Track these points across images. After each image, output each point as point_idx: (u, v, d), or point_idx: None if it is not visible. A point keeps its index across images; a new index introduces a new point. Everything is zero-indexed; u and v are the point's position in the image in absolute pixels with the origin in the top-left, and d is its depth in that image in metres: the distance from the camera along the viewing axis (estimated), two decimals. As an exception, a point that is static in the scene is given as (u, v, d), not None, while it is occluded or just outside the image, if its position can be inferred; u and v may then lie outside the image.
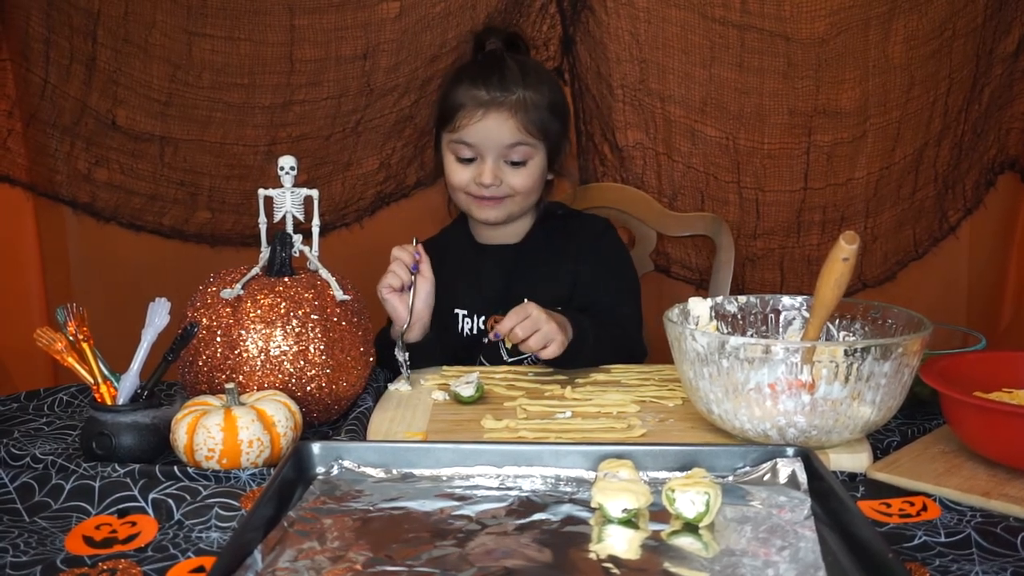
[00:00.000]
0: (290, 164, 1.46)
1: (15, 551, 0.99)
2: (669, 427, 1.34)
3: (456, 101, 1.76)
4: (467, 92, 1.75)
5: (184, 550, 0.99)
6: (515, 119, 1.74)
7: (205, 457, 1.20)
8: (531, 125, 1.75)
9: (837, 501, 0.98)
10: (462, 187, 1.79)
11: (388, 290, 1.62)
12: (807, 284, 2.23)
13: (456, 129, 1.75)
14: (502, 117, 1.74)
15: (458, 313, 1.83)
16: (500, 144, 1.75)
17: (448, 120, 1.77)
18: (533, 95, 1.76)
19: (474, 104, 1.74)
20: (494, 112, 1.74)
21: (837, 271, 1.22)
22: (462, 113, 1.75)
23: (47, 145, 2.14)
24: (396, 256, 1.65)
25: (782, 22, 2.05)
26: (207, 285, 1.42)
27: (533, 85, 1.77)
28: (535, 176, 1.80)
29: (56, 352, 1.29)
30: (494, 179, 1.75)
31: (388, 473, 1.10)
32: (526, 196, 1.81)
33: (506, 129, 1.74)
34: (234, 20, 2.08)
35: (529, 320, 1.53)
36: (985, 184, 2.25)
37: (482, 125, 1.74)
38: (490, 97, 1.74)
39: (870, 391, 1.18)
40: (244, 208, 2.25)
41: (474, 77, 1.77)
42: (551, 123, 1.79)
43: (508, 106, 1.74)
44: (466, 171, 1.78)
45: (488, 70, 1.77)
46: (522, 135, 1.75)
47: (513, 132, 1.74)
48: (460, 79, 1.79)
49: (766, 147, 2.17)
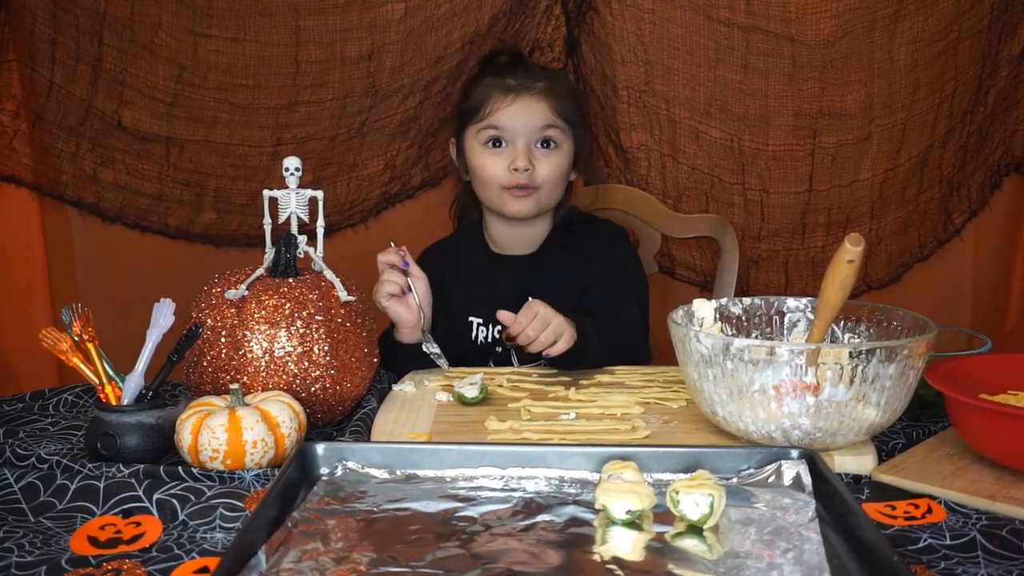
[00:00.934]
0: (295, 165, 1.46)
1: (20, 551, 0.99)
2: (673, 429, 1.34)
3: (483, 94, 1.78)
4: (493, 82, 1.78)
5: (188, 550, 0.99)
6: (546, 102, 1.76)
7: (209, 458, 1.21)
8: (561, 110, 1.77)
9: (842, 503, 0.97)
10: (495, 178, 1.78)
11: (387, 297, 1.62)
12: (812, 286, 2.23)
13: (486, 116, 1.76)
14: (533, 100, 1.76)
15: (472, 321, 1.83)
16: (532, 126, 1.76)
17: (475, 112, 1.78)
18: (558, 85, 1.80)
19: (502, 91, 1.76)
20: (525, 96, 1.76)
21: (842, 273, 1.22)
22: (491, 101, 1.76)
23: (53, 145, 2.14)
24: (384, 262, 1.64)
25: (787, 24, 2.05)
26: (212, 286, 1.42)
27: (556, 78, 1.82)
28: (563, 165, 1.80)
29: (61, 352, 1.30)
30: (527, 163, 1.75)
31: (392, 474, 1.10)
32: (553, 187, 1.80)
33: (538, 111, 1.76)
34: (240, 21, 2.08)
35: (538, 319, 1.54)
36: (990, 186, 2.25)
37: (514, 108, 1.75)
38: (519, 83, 1.77)
39: (875, 393, 1.18)
40: (249, 209, 2.25)
41: (499, 70, 1.80)
42: (576, 114, 1.82)
43: (538, 91, 1.77)
44: (498, 160, 1.77)
45: (511, 65, 1.80)
46: (553, 117, 1.77)
47: (545, 113, 1.76)
48: (483, 75, 1.81)
49: (771, 149, 2.17)
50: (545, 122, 1.76)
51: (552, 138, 1.78)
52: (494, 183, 1.78)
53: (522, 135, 1.76)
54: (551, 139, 1.78)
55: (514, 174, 1.75)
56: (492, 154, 1.78)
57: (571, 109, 1.80)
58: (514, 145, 1.76)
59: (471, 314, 1.83)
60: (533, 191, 1.78)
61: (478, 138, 1.79)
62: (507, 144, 1.77)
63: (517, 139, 1.76)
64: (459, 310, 1.82)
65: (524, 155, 1.75)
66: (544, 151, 1.78)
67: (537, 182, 1.77)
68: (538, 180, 1.77)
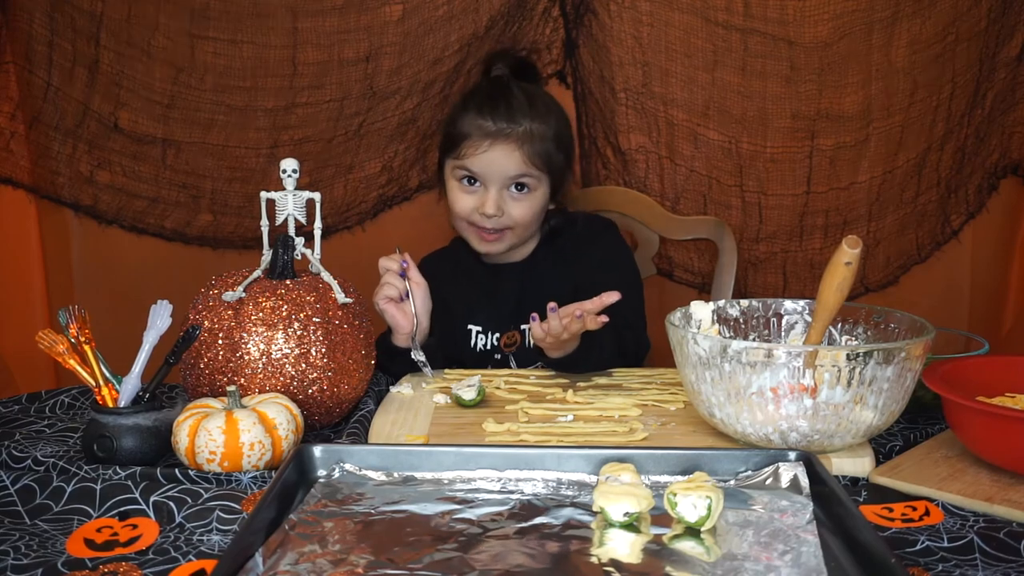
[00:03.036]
0: (292, 167, 1.46)
1: (16, 554, 0.99)
2: (671, 431, 1.34)
3: (462, 130, 1.75)
4: (473, 121, 1.74)
5: (185, 553, 0.99)
6: (521, 151, 1.73)
7: (206, 460, 1.20)
8: (536, 158, 1.74)
9: (839, 505, 0.97)
10: (465, 215, 1.78)
11: (385, 301, 1.62)
12: (810, 288, 2.23)
13: (461, 157, 1.75)
14: (508, 149, 1.73)
15: (471, 329, 1.84)
16: (504, 175, 1.74)
17: (453, 147, 1.76)
18: (540, 127, 1.75)
19: (480, 134, 1.73)
20: (500, 143, 1.73)
21: (839, 275, 1.22)
22: (468, 143, 1.74)
23: (49, 147, 2.14)
24: (385, 267, 1.64)
25: (785, 26, 2.05)
26: (209, 288, 1.42)
27: (540, 116, 1.77)
28: (536, 208, 1.79)
29: (58, 354, 1.29)
30: (496, 210, 1.74)
31: (389, 476, 1.10)
32: (525, 228, 1.80)
33: (511, 161, 1.73)
34: (237, 23, 2.08)
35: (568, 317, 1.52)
36: (988, 188, 2.25)
37: (488, 156, 1.73)
38: (496, 128, 1.73)
39: (872, 395, 1.18)
40: (246, 211, 2.25)
41: (481, 106, 1.76)
42: (556, 155, 1.79)
43: (515, 138, 1.73)
44: (469, 199, 1.77)
45: (495, 100, 1.76)
46: (527, 167, 1.74)
47: (518, 164, 1.74)
48: (467, 107, 1.78)
49: (769, 151, 2.17)
50: (519, 171, 1.74)
51: (526, 184, 1.76)
52: (463, 219, 1.79)
53: (495, 182, 1.74)
54: (525, 184, 1.76)
55: (482, 218, 1.75)
56: (464, 191, 1.78)
57: (549, 152, 1.77)
58: (486, 189, 1.75)
59: (470, 322, 1.84)
60: (505, 232, 1.78)
61: (454, 174, 1.78)
62: (480, 185, 1.76)
63: (489, 184, 1.75)
64: (459, 318, 1.83)
65: (494, 202, 1.74)
66: (517, 194, 1.77)
67: (508, 224, 1.77)
68: (510, 222, 1.77)
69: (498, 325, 1.84)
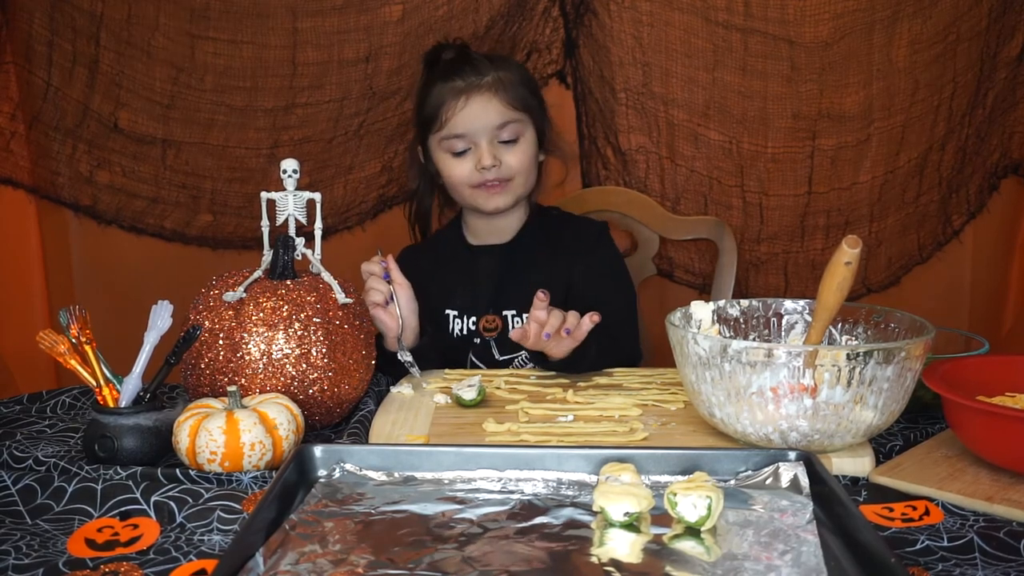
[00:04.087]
0: (292, 167, 1.46)
1: (17, 553, 0.99)
2: (671, 431, 1.34)
3: (435, 101, 1.78)
4: (443, 88, 1.78)
5: (186, 553, 0.99)
6: (497, 97, 1.77)
7: (207, 460, 1.20)
8: (515, 101, 1.78)
9: (839, 505, 0.97)
10: (464, 180, 1.79)
11: (372, 306, 1.62)
12: (811, 288, 2.23)
13: (444, 125, 1.77)
14: (484, 99, 1.76)
15: (449, 314, 1.84)
16: (489, 125, 1.77)
17: (433, 121, 1.79)
18: (506, 74, 1.79)
19: (454, 95, 1.76)
20: (476, 95, 1.76)
21: (840, 275, 1.22)
22: (445, 108, 1.76)
23: (49, 147, 2.14)
24: (367, 271, 1.65)
25: (785, 26, 2.05)
26: (209, 288, 1.42)
27: (503, 66, 1.81)
28: (529, 153, 1.82)
29: (59, 354, 1.29)
30: (493, 159, 1.76)
31: (390, 476, 1.10)
32: (526, 175, 1.82)
33: (492, 109, 1.76)
34: (237, 23, 2.08)
35: (553, 315, 1.52)
36: (989, 188, 2.25)
37: (468, 111, 1.76)
38: (467, 83, 1.77)
39: (872, 395, 1.18)
40: (246, 211, 2.25)
41: (445, 73, 1.80)
42: (531, 99, 1.82)
43: (487, 87, 1.77)
44: (464, 163, 1.79)
45: (456, 64, 1.80)
46: (509, 112, 1.78)
47: (500, 111, 1.77)
48: (431, 82, 1.81)
49: (770, 151, 2.17)
50: (501, 119, 1.77)
51: (512, 129, 1.79)
52: (464, 185, 1.80)
53: (483, 135, 1.77)
54: (511, 131, 1.79)
55: (482, 172, 1.77)
56: (457, 159, 1.79)
57: (524, 95, 1.81)
58: (477, 146, 1.78)
59: (447, 307, 1.84)
60: (506, 183, 1.80)
61: (442, 146, 1.80)
62: (469, 147, 1.78)
63: (479, 139, 1.77)
64: (435, 304, 1.82)
65: (489, 154, 1.77)
66: (507, 145, 1.79)
67: (508, 174, 1.79)
68: (508, 172, 1.79)
69: (474, 309, 1.84)
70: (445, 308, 1.84)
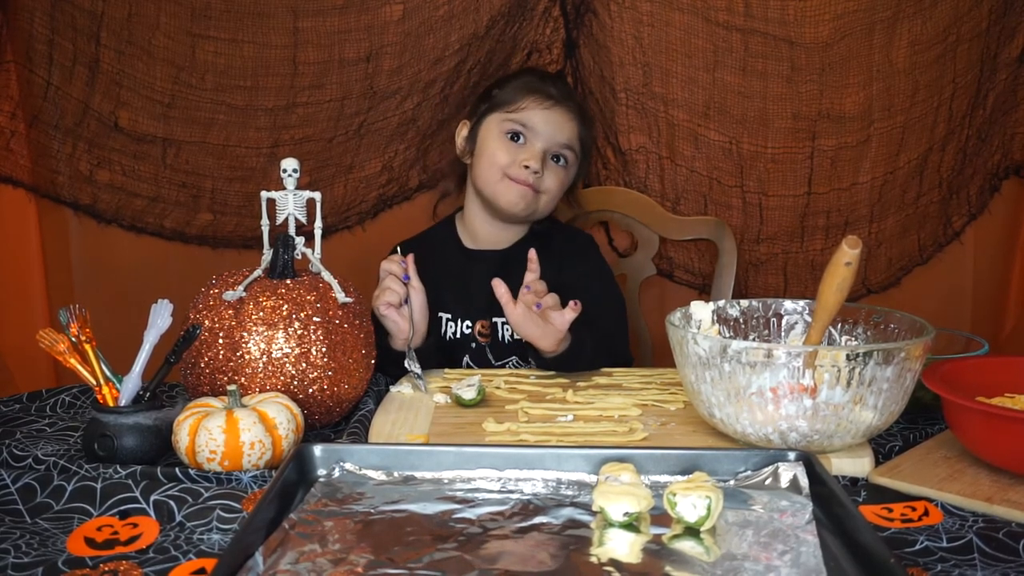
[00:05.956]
0: (293, 166, 1.46)
1: (16, 552, 0.99)
2: (671, 431, 1.34)
3: (522, 89, 1.83)
4: (535, 84, 1.84)
5: (185, 552, 0.99)
6: (575, 122, 1.84)
7: (207, 459, 1.20)
8: (582, 135, 1.86)
9: (839, 506, 0.97)
10: (503, 166, 1.80)
11: (386, 306, 1.62)
12: (811, 289, 2.23)
13: (519, 110, 1.81)
14: (567, 116, 1.82)
15: (441, 317, 1.84)
16: (554, 139, 1.81)
17: (507, 103, 1.82)
18: (587, 115, 1.90)
19: (542, 95, 1.82)
20: (561, 108, 1.82)
21: (840, 275, 1.22)
22: (530, 99, 1.81)
23: (49, 146, 2.14)
24: (387, 270, 1.65)
25: (786, 26, 2.05)
26: (209, 287, 1.42)
27: (585, 108, 1.92)
28: (564, 185, 1.87)
29: (58, 353, 1.29)
30: (539, 164, 1.79)
31: (389, 476, 1.10)
32: (552, 199, 1.85)
33: (566, 127, 1.82)
34: (237, 22, 2.08)
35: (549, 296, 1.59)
36: (989, 189, 2.25)
37: (548, 114, 1.81)
38: (558, 94, 1.83)
39: (872, 396, 1.18)
40: (246, 210, 2.25)
41: (542, 76, 1.89)
42: (589, 144, 1.91)
43: (572, 110, 1.84)
44: (512, 151, 1.81)
45: (553, 78, 1.91)
46: (573, 140, 1.84)
47: (570, 134, 1.83)
48: (523, 76, 1.89)
49: (770, 151, 2.17)
50: (568, 139, 1.83)
51: (566, 156, 1.83)
52: (499, 168, 1.81)
53: (544, 140, 1.80)
54: (564, 156, 1.83)
55: (523, 170, 1.78)
56: (509, 144, 1.81)
57: (588, 138, 1.88)
58: (532, 145, 1.80)
59: (440, 309, 1.84)
60: (535, 193, 1.81)
61: (501, 126, 1.82)
62: (525, 141, 1.81)
63: (537, 142, 1.80)
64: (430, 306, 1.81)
65: (539, 157, 1.79)
66: (555, 165, 1.83)
67: (541, 187, 1.81)
68: (543, 186, 1.81)
69: (468, 313, 1.83)
70: (438, 311, 1.83)
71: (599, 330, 1.69)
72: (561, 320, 1.56)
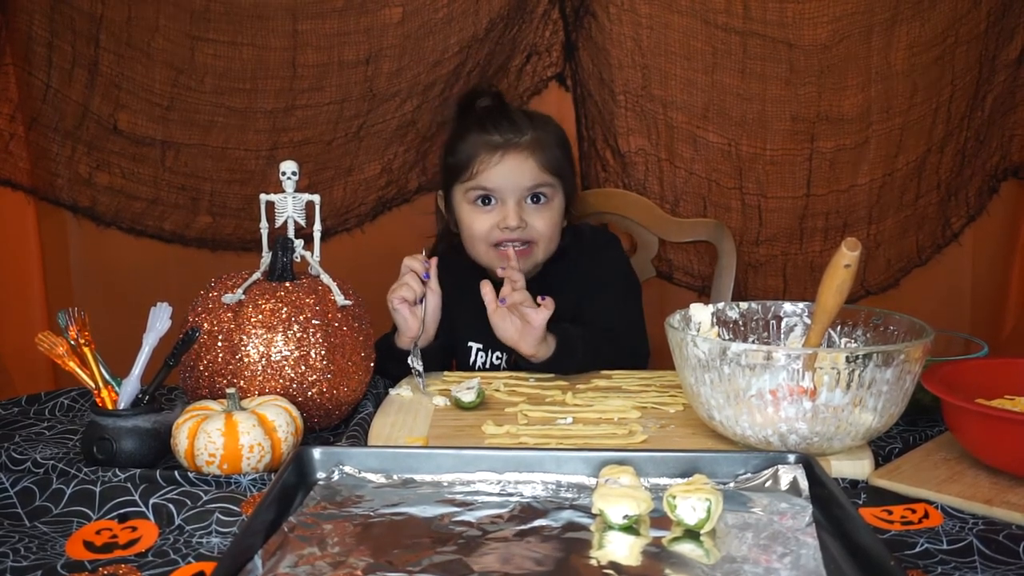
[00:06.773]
0: (292, 169, 1.46)
1: (15, 556, 0.99)
2: (670, 433, 1.34)
3: (468, 151, 1.74)
4: (478, 139, 1.73)
5: (185, 555, 0.99)
6: (533, 158, 1.73)
7: (206, 462, 1.20)
8: (549, 164, 1.74)
9: (839, 508, 0.97)
10: (484, 236, 1.74)
11: (400, 301, 1.60)
12: (810, 291, 2.22)
13: (473, 176, 1.72)
14: (520, 158, 1.72)
15: (472, 346, 1.82)
16: (521, 186, 1.72)
17: (462, 171, 1.74)
18: (544, 135, 1.76)
19: (489, 149, 1.72)
20: (512, 153, 1.72)
21: (839, 277, 1.22)
22: (478, 160, 1.72)
23: (48, 149, 2.14)
24: (408, 266, 1.62)
25: (784, 28, 2.05)
26: (209, 290, 1.42)
27: (541, 126, 1.77)
28: (556, 218, 1.78)
29: (57, 356, 1.29)
30: (519, 221, 1.72)
31: (389, 478, 1.10)
32: (549, 240, 1.77)
33: (526, 169, 1.72)
34: (237, 25, 2.08)
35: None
36: (988, 191, 2.25)
37: (501, 167, 1.71)
38: (504, 140, 1.72)
39: (872, 398, 1.18)
40: (245, 213, 2.25)
41: (483, 124, 1.75)
42: (564, 163, 1.79)
43: (524, 146, 1.73)
44: (487, 218, 1.74)
45: (495, 117, 1.75)
46: (541, 174, 1.73)
47: (533, 172, 1.73)
48: (467, 130, 1.76)
49: (768, 153, 2.17)
50: (534, 181, 1.73)
51: (542, 192, 1.75)
52: (483, 241, 1.75)
53: (512, 193, 1.72)
54: (541, 193, 1.75)
55: (504, 231, 1.72)
56: (481, 212, 1.75)
57: (559, 159, 1.77)
58: (504, 204, 1.73)
59: (471, 339, 1.81)
60: (529, 247, 1.75)
61: (467, 196, 1.75)
62: (496, 202, 1.74)
63: (507, 197, 1.73)
64: (460, 334, 1.80)
65: (515, 214, 1.72)
66: (535, 206, 1.75)
67: (533, 236, 1.75)
68: (534, 234, 1.75)
69: (497, 342, 1.71)
70: (468, 341, 1.80)
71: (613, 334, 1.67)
72: (535, 317, 1.54)
